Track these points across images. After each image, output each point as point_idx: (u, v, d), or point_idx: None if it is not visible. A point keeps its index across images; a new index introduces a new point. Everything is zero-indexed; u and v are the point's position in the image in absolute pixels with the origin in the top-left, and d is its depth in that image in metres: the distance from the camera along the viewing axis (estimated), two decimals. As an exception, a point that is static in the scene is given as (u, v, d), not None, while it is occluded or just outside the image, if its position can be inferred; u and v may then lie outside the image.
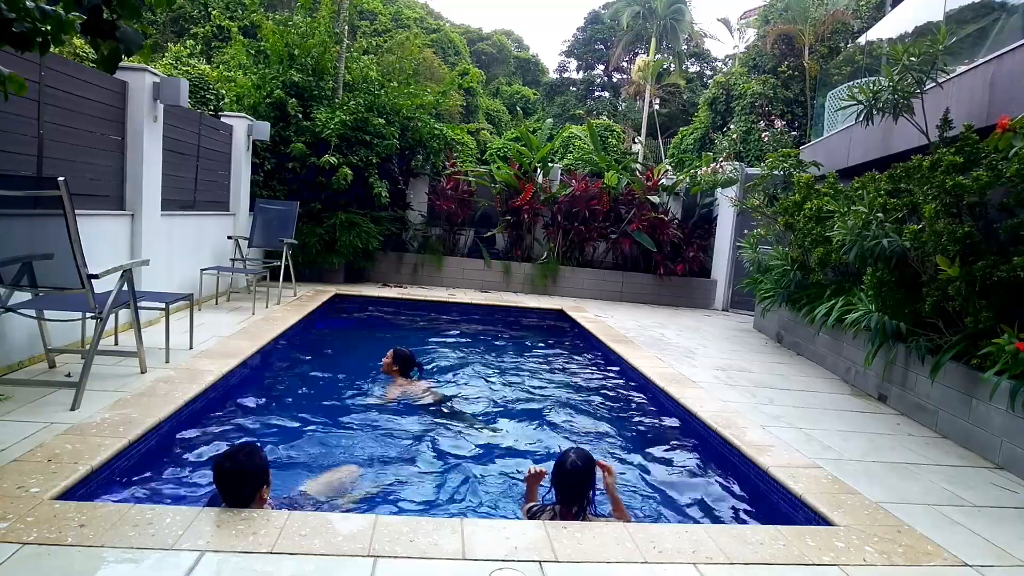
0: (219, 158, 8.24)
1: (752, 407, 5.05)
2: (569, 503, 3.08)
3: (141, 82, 5.81)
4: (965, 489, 3.68)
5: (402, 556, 2.46)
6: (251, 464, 2.76)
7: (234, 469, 2.71)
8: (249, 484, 2.74)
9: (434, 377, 5.86)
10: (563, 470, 3.10)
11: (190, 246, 7.32)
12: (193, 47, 13.40)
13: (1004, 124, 4.48)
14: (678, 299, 11.48)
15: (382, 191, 10.03)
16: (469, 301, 9.82)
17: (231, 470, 2.71)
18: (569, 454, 3.16)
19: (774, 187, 8.87)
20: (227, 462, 2.73)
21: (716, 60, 34.26)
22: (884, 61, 8.20)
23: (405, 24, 26.45)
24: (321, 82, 10.25)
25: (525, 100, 33.66)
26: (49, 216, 3.66)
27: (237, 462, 2.73)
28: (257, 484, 2.76)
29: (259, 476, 2.77)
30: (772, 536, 2.93)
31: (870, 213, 5.29)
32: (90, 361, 3.81)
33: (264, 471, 2.80)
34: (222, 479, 2.72)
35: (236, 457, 2.75)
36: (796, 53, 17.61)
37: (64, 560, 2.24)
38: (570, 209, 11.31)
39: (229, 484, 2.72)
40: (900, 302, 5.21)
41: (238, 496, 2.74)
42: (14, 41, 2.02)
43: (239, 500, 2.74)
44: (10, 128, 4.34)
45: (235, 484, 2.72)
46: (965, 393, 4.51)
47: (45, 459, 2.95)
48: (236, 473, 2.72)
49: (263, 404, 4.78)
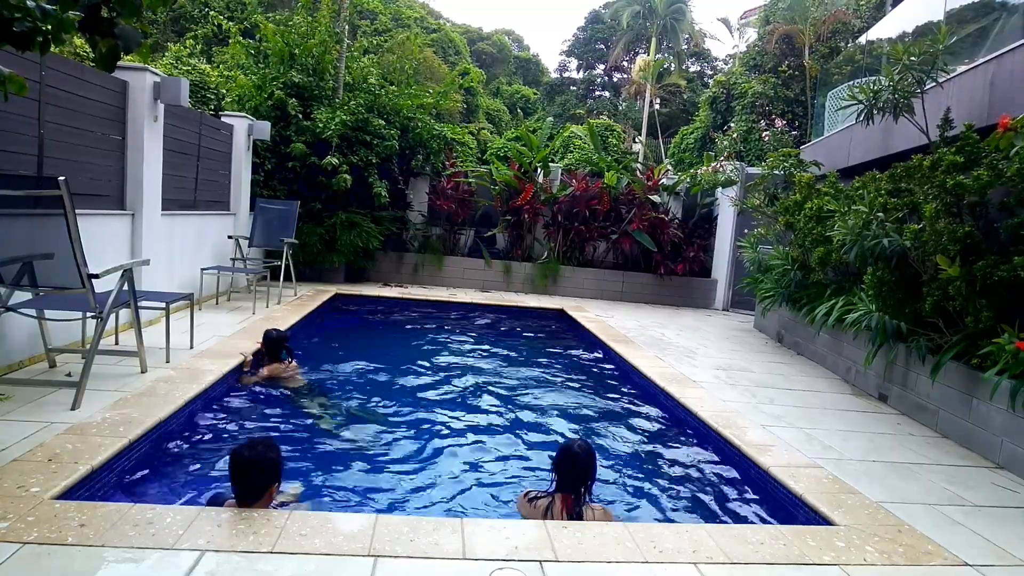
0: (220, 158, 8.24)
1: (752, 407, 5.05)
2: (570, 489, 3.14)
3: (142, 82, 5.81)
4: (966, 489, 3.68)
5: (402, 556, 2.46)
6: (269, 456, 2.80)
7: (253, 458, 2.75)
8: (264, 476, 2.77)
9: (304, 362, 5.71)
10: (568, 454, 3.18)
11: (190, 246, 7.32)
12: (193, 47, 13.41)
13: (1005, 123, 4.48)
14: (678, 299, 11.48)
15: (382, 191, 10.03)
16: (470, 301, 9.82)
17: (250, 458, 2.75)
18: (575, 440, 3.27)
19: (774, 187, 8.87)
20: (247, 451, 2.78)
21: (716, 60, 34.21)
22: (884, 61, 8.20)
23: (405, 24, 26.43)
24: (321, 82, 10.26)
25: (525, 100, 33.64)
26: (49, 216, 3.67)
27: (256, 452, 2.78)
28: (271, 477, 2.80)
29: (274, 469, 2.81)
30: (772, 536, 2.93)
31: (870, 213, 5.29)
32: (90, 361, 3.81)
33: (279, 466, 2.85)
34: (239, 467, 2.75)
35: (256, 447, 2.80)
36: (796, 53, 17.59)
37: (64, 560, 2.24)
38: (570, 209, 11.31)
39: (246, 473, 2.75)
40: (900, 302, 5.21)
41: (252, 487, 2.76)
42: (15, 41, 2.01)
43: (251, 492, 2.76)
44: (10, 128, 4.34)
45: (252, 473, 2.75)
46: (965, 393, 4.51)
47: (45, 459, 2.95)
48: (255, 462, 2.75)
49: (264, 404, 4.78)
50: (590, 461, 3.18)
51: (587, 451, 3.20)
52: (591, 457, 3.20)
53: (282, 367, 5.25)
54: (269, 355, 5.28)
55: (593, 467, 3.20)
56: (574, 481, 3.14)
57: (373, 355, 6.57)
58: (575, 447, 3.20)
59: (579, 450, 3.18)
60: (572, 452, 3.17)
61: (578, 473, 3.14)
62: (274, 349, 5.30)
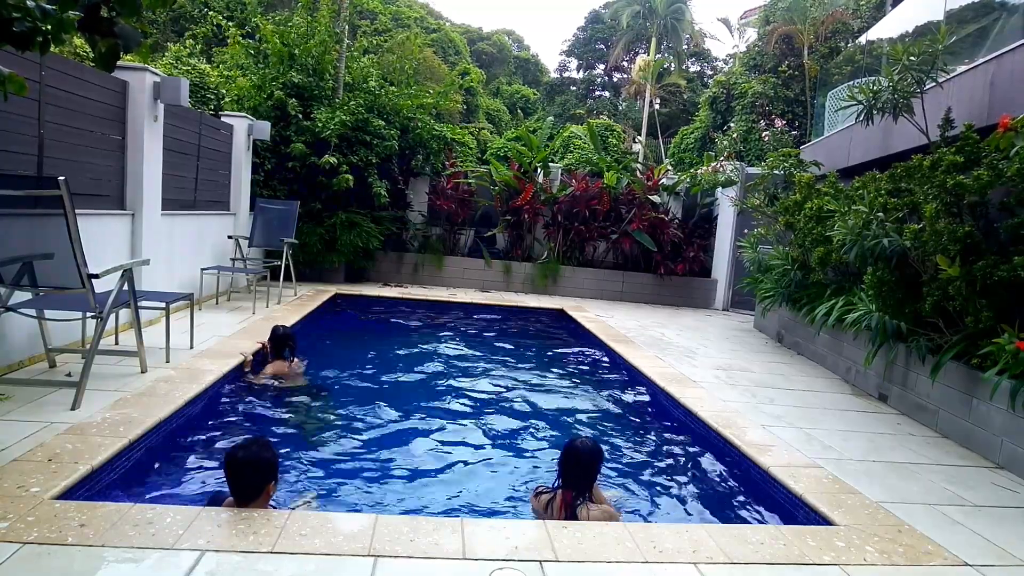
0: (219, 158, 8.23)
1: (752, 407, 5.05)
2: (570, 486, 3.16)
3: (142, 82, 5.81)
4: (966, 489, 3.68)
5: (402, 556, 2.46)
6: (263, 456, 2.81)
7: (247, 459, 2.76)
8: (259, 475, 2.78)
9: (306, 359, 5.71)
10: (570, 450, 3.21)
11: (190, 246, 7.32)
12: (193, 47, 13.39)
13: (1006, 123, 4.48)
14: (678, 299, 11.48)
15: (381, 191, 10.03)
16: (470, 301, 9.82)
17: (244, 459, 2.76)
18: (579, 438, 3.30)
19: (774, 187, 8.87)
20: (240, 451, 2.79)
21: (716, 60, 34.20)
22: (884, 61, 8.20)
23: (405, 24, 26.43)
24: (321, 82, 10.25)
25: (525, 100, 33.62)
26: (49, 216, 3.67)
27: (250, 452, 2.79)
28: (267, 476, 2.80)
29: (269, 468, 2.82)
30: (772, 536, 2.93)
31: (870, 213, 5.29)
32: (90, 361, 3.81)
33: (274, 465, 2.86)
34: (234, 468, 2.76)
35: (249, 448, 2.82)
36: (796, 53, 17.59)
37: (64, 560, 2.24)
38: (570, 209, 11.31)
39: (241, 473, 2.75)
40: (900, 302, 5.21)
41: (247, 487, 2.76)
42: (14, 41, 2.01)
43: (247, 491, 2.76)
44: (10, 128, 4.34)
45: (247, 473, 2.75)
46: (965, 393, 4.51)
47: (45, 459, 2.95)
48: (249, 462, 2.76)
49: (264, 404, 4.78)
50: (593, 459, 3.19)
51: (590, 449, 3.21)
52: (593, 455, 3.21)
53: (285, 366, 5.25)
54: (274, 351, 5.29)
55: (595, 466, 3.20)
56: (576, 478, 3.16)
57: (373, 355, 6.57)
58: (578, 444, 3.23)
59: (581, 447, 3.20)
60: (574, 449, 3.20)
61: (580, 469, 3.16)
62: (279, 346, 5.29)
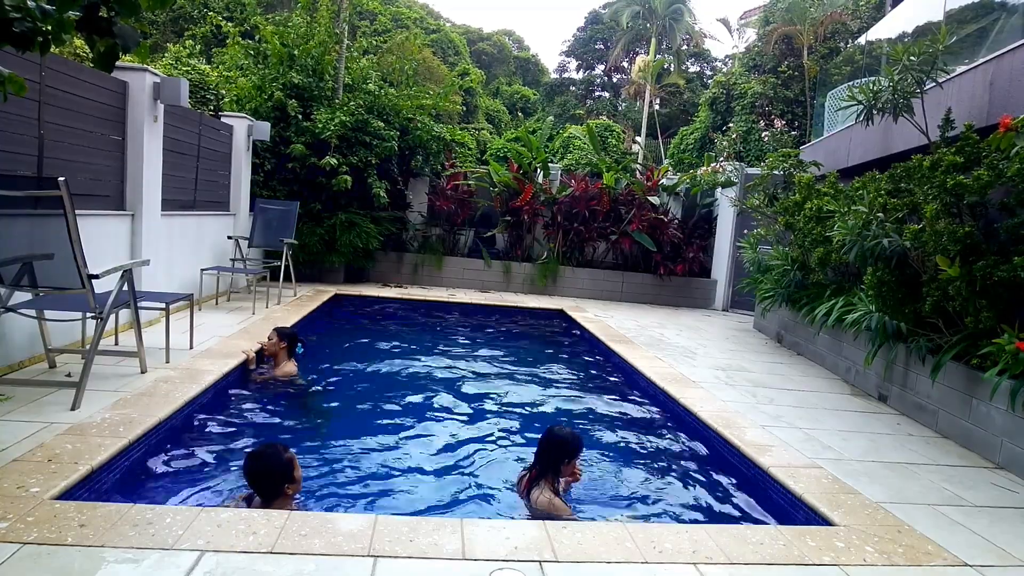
0: (219, 158, 8.24)
1: (752, 407, 5.05)
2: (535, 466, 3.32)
3: (141, 82, 5.81)
4: (965, 489, 3.68)
5: (402, 556, 2.46)
6: (275, 461, 2.97)
7: (256, 468, 2.96)
8: (271, 480, 2.95)
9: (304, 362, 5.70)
10: (545, 434, 3.39)
11: (190, 246, 7.32)
12: (193, 47, 13.39)
13: (1006, 123, 4.47)
14: (678, 299, 11.48)
15: (381, 191, 10.03)
16: (469, 301, 9.82)
17: (254, 469, 2.97)
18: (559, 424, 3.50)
19: (774, 187, 8.87)
20: (251, 460, 3.00)
21: (716, 60, 34.18)
22: (884, 61, 8.21)
23: (405, 24, 26.43)
24: (321, 83, 10.26)
25: (525, 100, 33.61)
26: (49, 216, 3.67)
27: (259, 460, 2.98)
28: (282, 478, 2.95)
29: (282, 471, 2.96)
30: (772, 536, 2.93)
31: (870, 213, 5.29)
32: (90, 361, 3.81)
33: (288, 467, 2.99)
34: (249, 475, 2.98)
35: (260, 457, 3.00)
36: (796, 53, 17.60)
37: (64, 560, 2.24)
38: (570, 209, 11.32)
39: (257, 479, 2.97)
40: (900, 302, 5.21)
41: (263, 491, 2.99)
42: (14, 41, 2.01)
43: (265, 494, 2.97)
44: (10, 128, 4.34)
45: (260, 480, 2.96)
46: (965, 393, 4.51)
47: (45, 459, 2.95)
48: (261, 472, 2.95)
49: (264, 404, 4.78)
50: (555, 446, 3.29)
51: (559, 437, 3.32)
52: (558, 443, 3.31)
53: (292, 364, 5.26)
54: (288, 350, 5.32)
55: (556, 453, 3.29)
56: (542, 462, 3.30)
57: (372, 355, 6.57)
58: (554, 429, 3.38)
59: (552, 433, 3.35)
60: (548, 433, 3.36)
61: (544, 454, 3.30)
62: (292, 344, 5.33)
